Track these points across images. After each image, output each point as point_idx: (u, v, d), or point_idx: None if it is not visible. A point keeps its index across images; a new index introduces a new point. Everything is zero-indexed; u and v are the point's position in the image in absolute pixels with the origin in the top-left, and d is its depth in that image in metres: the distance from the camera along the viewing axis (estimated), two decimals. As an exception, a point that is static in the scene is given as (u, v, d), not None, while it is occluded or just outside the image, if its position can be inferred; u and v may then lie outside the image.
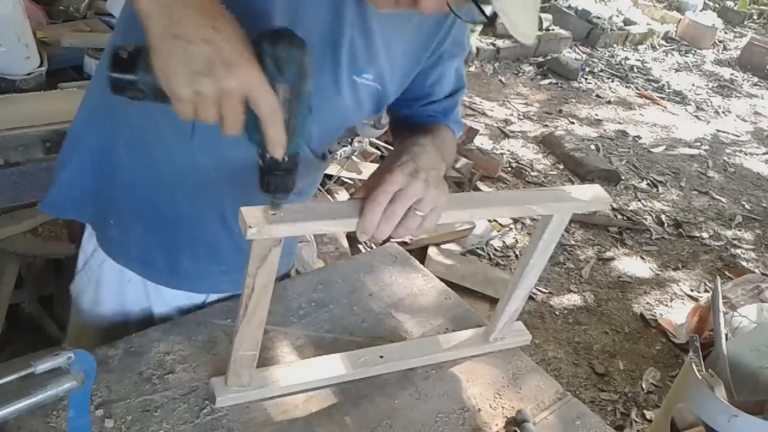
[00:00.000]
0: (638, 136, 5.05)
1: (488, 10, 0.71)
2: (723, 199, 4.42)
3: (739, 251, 3.84)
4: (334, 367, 1.01)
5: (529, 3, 0.75)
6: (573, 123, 5.01)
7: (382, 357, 1.04)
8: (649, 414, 2.56)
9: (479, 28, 5.43)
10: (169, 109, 0.66)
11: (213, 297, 1.13)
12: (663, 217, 4.00)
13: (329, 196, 2.81)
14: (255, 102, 0.63)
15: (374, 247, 2.66)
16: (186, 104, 0.63)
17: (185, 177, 0.95)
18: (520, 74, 5.64)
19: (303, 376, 0.98)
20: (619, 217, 3.88)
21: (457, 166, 3.52)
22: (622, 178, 4.29)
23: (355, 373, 1.01)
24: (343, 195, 2.84)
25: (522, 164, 4.17)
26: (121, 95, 0.66)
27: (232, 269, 1.06)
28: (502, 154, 4.24)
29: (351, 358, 1.03)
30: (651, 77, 6.41)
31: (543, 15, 6.14)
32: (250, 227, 0.72)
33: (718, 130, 5.58)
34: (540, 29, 6.09)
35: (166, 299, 1.10)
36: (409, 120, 1.07)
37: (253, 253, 0.78)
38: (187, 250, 1.04)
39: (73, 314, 1.15)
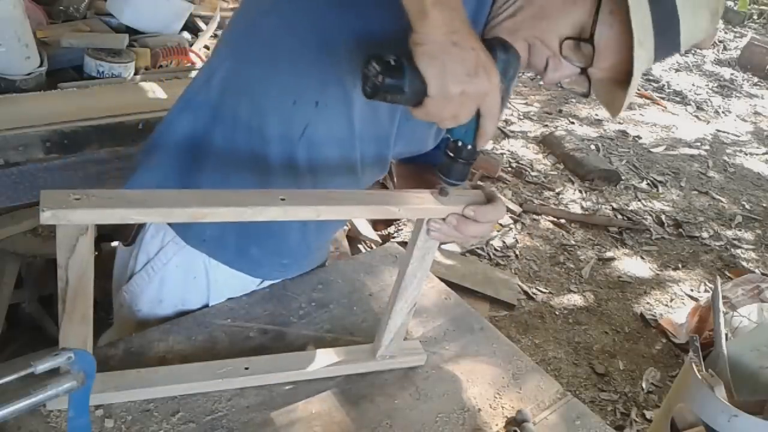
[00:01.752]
0: (638, 136, 5.05)
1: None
2: (723, 199, 4.42)
3: (739, 251, 3.84)
4: (192, 376, 0.93)
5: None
6: (573, 123, 5.01)
7: (247, 369, 0.96)
8: (649, 414, 2.56)
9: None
10: (287, 109, 0.90)
11: (265, 284, 1.18)
12: (663, 217, 4.00)
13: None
14: (490, 101, 0.75)
15: (374, 247, 2.66)
16: (446, 103, 0.72)
17: (279, 173, 0.98)
18: (520, 74, 5.64)
19: (164, 385, 0.91)
20: (619, 217, 3.88)
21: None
22: (622, 178, 4.29)
23: (212, 385, 0.94)
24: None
25: (522, 164, 4.17)
26: (380, 99, 0.74)
27: (292, 263, 1.17)
28: (502, 154, 4.24)
29: (212, 368, 0.95)
30: (651, 77, 6.42)
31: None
32: (44, 211, 0.67)
33: (718, 130, 5.58)
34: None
35: (223, 293, 1.13)
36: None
37: (59, 241, 0.72)
38: (258, 238, 1.08)
39: (127, 314, 1.15)
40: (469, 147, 0.81)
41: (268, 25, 0.92)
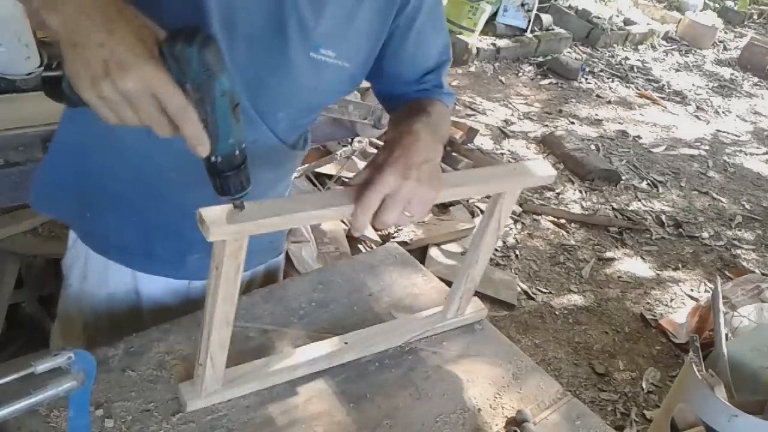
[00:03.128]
0: (638, 136, 5.05)
1: None
2: (723, 199, 4.42)
3: (739, 251, 3.84)
4: (299, 358, 1.01)
5: None
6: (573, 123, 5.01)
7: (347, 343, 1.05)
8: (649, 414, 2.56)
9: (479, 27, 5.43)
10: None
11: (195, 283, 1.16)
12: (663, 217, 4.00)
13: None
14: (161, 101, 0.64)
15: (374, 247, 2.66)
16: (100, 109, 0.64)
17: (148, 173, 0.99)
18: (520, 74, 5.64)
19: (272, 373, 0.98)
20: (619, 217, 3.88)
21: (459, 167, 3.52)
22: (622, 178, 4.29)
23: (321, 364, 1.02)
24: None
25: (522, 164, 4.17)
26: (57, 101, 0.67)
27: (207, 256, 1.06)
28: (502, 154, 4.24)
29: (315, 349, 1.03)
30: (651, 77, 6.41)
31: (543, 15, 6.15)
32: (210, 228, 0.70)
33: (718, 130, 5.58)
34: (541, 29, 6.10)
35: (151, 282, 1.13)
36: (399, 99, 1.06)
37: (216, 253, 0.76)
38: (161, 238, 1.07)
39: (63, 288, 1.20)
40: (211, 158, 0.69)
41: None
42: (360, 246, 2.74)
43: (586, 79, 5.90)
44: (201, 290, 1.15)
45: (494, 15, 5.76)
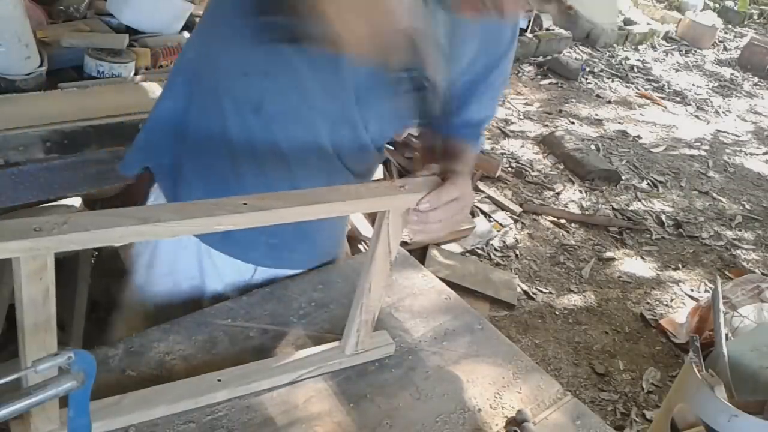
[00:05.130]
0: (638, 136, 5.05)
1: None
2: (723, 199, 4.42)
3: (739, 251, 3.84)
4: (165, 399, 0.89)
5: None
6: (573, 123, 5.01)
7: (219, 381, 0.94)
8: (649, 414, 2.56)
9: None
10: (240, 82, 0.93)
11: (259, 274, 1.18)
12: (663, 217, 4.00)
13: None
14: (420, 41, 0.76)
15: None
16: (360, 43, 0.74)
17: (246, 150, 1.02)
18: (521, 74, 5.64)
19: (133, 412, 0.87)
20: (620, 217, 3.88)
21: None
22: (623, 178, 4.29)
23: (189, 404, 0.91)
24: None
25: (522, 164, 4.17)
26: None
27: (280, 244, 1.14)
28: (502, 154, 4.24)
29: (185, 387, 0.92)
30: (651, 77, 6.41)
31: (543, 15, 6.14)
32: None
33: (719, 130, 5.58)
34: (541, 29, 6.10)
35: (218, 270, 1.15)
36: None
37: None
38: None
39: (129, 276, 1.21)
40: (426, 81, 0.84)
41: (219, 2, 0.98)
42: (360, 246, 2.74)
43: (586, 79, 5.89)
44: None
45: (494, 15, 5.76)
